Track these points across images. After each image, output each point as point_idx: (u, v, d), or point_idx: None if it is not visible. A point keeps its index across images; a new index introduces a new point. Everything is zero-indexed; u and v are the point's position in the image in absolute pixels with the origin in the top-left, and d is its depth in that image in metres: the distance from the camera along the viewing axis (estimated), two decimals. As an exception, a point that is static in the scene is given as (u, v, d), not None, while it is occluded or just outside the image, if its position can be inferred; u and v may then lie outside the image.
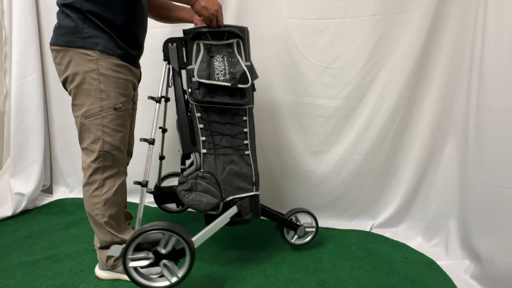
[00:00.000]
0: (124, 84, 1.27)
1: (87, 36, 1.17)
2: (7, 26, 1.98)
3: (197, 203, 1.35)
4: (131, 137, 1.51)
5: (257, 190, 1.46)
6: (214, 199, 1.35)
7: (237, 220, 1.42)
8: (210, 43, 1.30)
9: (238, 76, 1.30)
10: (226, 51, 1.31)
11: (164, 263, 1.21)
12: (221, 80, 1.28)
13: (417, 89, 1.72)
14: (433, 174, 1.78)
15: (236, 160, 1.41)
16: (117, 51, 1.22)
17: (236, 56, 1.32)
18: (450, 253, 1.62)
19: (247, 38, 1.35)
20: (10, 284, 1.37)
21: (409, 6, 1.62)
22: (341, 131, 1.86)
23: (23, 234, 1.78)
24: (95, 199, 1.29)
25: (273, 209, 1.63)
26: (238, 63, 1.31)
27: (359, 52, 1.72)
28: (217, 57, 1.30)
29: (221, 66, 1.30)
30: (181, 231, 1.21)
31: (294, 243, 1.66)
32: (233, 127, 1.38)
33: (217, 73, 1.29)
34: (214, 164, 1.38)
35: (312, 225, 1.68)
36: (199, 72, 1.28)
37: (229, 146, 1.39)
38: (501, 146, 1.34)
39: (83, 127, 1.25)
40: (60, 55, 1.20)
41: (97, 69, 1.19)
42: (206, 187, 1.35)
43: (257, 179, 1.45)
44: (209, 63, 1.29)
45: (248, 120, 1.41)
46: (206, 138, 1.37)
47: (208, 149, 1.37)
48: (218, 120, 1.36)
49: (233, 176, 1.41)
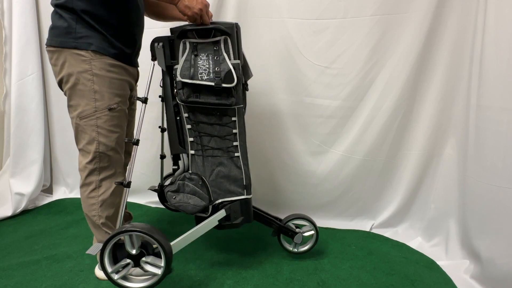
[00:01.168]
0: (119, 84, 1.26)
1: (80, 36, 1.17)
2: (7, 26, 1.98)
3: (184, 205, 1.32)
4: (130, 137, 1.50)
5: (248, 194, 1.40)
6: (202, 202, 1.33)
7: (226, 224, 1.38)
8: (196, 41, 1.26)
9: (222, 75, 1.24)
10: (212, 48, 1.26)
11: (144, 261, 1.19)
12: (204, 80, 1.24)
13: (417, 89, 1.72)
14: (433, 174, 1.78)
15: (225, 162, 1.37)
16: (111, 50, 1.22)
17: (223, 54, 1.26)
18: (450, 253, 1.62)
19: (236, 35, 1.28)
20: (10, 284, 1.37)
21: (409, 6, 1.62)
22: (341, 131, 1.86)
23: (23, 234, 1.78)
24: (92, 200, 1.29)
25: (269, 214, 1.57)
26: (224, 62, 1.25)
27: (359, 52, 1.72)
28: (201, 55, 1.25)
29: (205, 65, 1.25)
30: (160, 236, 1.17)
31: (291, 251, 1.60)
32: (222, 128, 1.34)
33: (201, 72, 1.24)
34: (202, 166, 1.35)
35: (311, 232, 1.59)
36: (182, 71, 1.25)
37: (218, 147, 1.35)
38: (501, 146, 1.34)
39: (78, 128, 1.25)
40: (55, 56, 1.20)
41: (90, 70, 1.19)
42: (193, 188, 1.32)
43: (248, 182, 1.40)
44: (193, 62, 1.25)
45: (237, 121, 1.34)
46: (194, 139, 1.34)
47: (196, 150, 1.35)
48: (206, 121, 1.33)
49: (222, 178, 1.37)
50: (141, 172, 2.01)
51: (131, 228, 1.15)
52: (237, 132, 1.36)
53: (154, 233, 1.15)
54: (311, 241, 1.60)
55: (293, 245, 1.60)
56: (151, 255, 1.20)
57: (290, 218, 1.59)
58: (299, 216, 1.61)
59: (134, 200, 2.17)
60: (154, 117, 2.01)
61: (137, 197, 2.18)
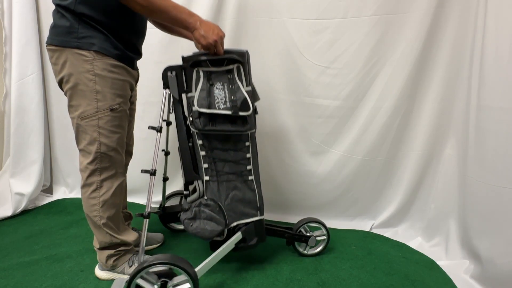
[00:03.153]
0: (120, 84, 1.26)
1: (83, 36, 1.16)
2: (7, 26, 1.98)
3: (201, 231, 1.34)
4: (130, 137, 1.50)
5: (261, 215, 1.44)
6: (218, 226, 1.35)
7: (242, 246, 1.42)
8: (210, 70, 1.27)
9: (239, 103, 1.26)
10: (226, 77, 1.28)
11: (171, 286, 1.20)
12: (221, 109, 1.26)
13: (417, 89, 1.72)
14: (433, 174, 1.78)
15: (240, 186, 1.39)
16: (113, 51, 1.21)
17: (237, 82, 1.28)
18: (450, 253, 1.62)
19: (247, 62, 1.31)
20: (10, 284, 1.37)
21: (409, 6, 1.62)
22: (341, 131, 1.86)
23: (23, 234, 1.78)
24: (93, 200, 1.29)
25: (280, 226, 1.60)
26: (239, 90, 1.28)
27: (359, 52, 1.72)
28: (217, 84, 1.27)
29: (222, 94, 1.27)
30: (184, 264, 1.18)
31: (308, 254, 1.62)
32: (236, 153, 1.36)
33: (218, 102, 1.26)
34: (217, 191, 1.37)
35: (323, 233, 1.63)
36: (199, 101, 1.26)
37: (232, 172, 1.37)
38: (501, 146, 1.34)
39: (79, 128, 1.25)
40: (56, 55, 1.19)
41: (92, 70, 1.18)
42: (210, 214, 1.35)
43: (261, 203, 1.43)
44: (209, 91, 1.26)
45: (251, 145, 1.38)
46: (208, 165, 1.35)
47: (210, 176, 1.36)
48: (220, 147, 1.34)
49: (236, 202, 1.40)
50: (141, 172, 2.01)
51: (185, 267, 1.17)
52: (251, 157, 1.39)
53: (179, 262, 1.17)
54: (323, 243, 1.64)
55: (307, 248, 1.63)
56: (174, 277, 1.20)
57: (301, 223, 1.61)
58: (309, 220, 1.63)
59: (134, 200, 2.17)
60: (154, 117, 2.01)
61: (137, 197, 2.18)
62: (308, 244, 1.59)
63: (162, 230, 1.82)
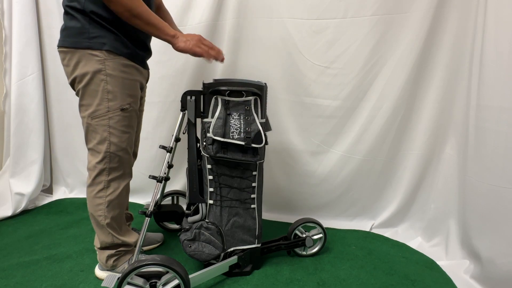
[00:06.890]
0: (131, 84, 1.26)
1: (94, 36, 1.16)
2: (7, 26, 1.98)
3: (198, 253, 1.37)
4: (136, 138, 1.50)
5: (259, 243, 1.47)
6: (216, 250, 1.38)
7: (236, 272, 1.45)
8: (228, 99, 1.29)
9: (252, 135, 1.29)
10: (243, 108, 1.30)
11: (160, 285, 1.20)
12: (235, 139, 1.28)
13: (417, 89, 1.72)
14: (433, 174, 1.78)
15: (242, 212, 1.41)
16: (124, 50, 1.21)
17: (253, 114, 1.30)
18: (450, 253, 1.62)
19: (265, 95, 1.33)
20: (10, 284, 1.37)
21: (409, 6, 1.63)
22: (341, 131, 1.86)
23: (23, 234, 1.78)
24: (99, 200, 1.29)
25: (273, 240, 1.59)
26: (254, 122, 1.30)
27: (359, 52, 1.72)
28: (233, 114, 1.29)
29: (237, 124, 1.29)
30: (179, 268, 1.18)
31: (307, 255, 1.63)
32: (242, 181, 1.38)
33: (232, 131, 1.28)
34: (219, 215, 1.39)
35: (319, 231, 1.63)
36: (214, 129, 1.28)
37: (236, 199, 1.39)
38: (501, 146, 1.34)
39: (89, 128, 1.25)
40: (68, 57, 1.19)
41: (104, 70, 1.18)
42: (209, 237, 1.37)
43: (260, 232, 1.46)
44: (226, 121, 1.28)
45: (257, 175, 1.40)
46: (214, 190, 1.37)
47: (215, 200, 1.38)
48: (228, 173, 1.37)
49: (237, 228, 1.42)
50: (141, 172, 2.01)
51: (180, 272, 1.17)
52: (256, 185, 1.41)
53: (174, 265, 1.17)
54: (320, 241, 1.64)
55: (305, 249, 1.63)
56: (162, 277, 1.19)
57: (294, 226, 1.60)
58: (302, 222, 1.62)
59: (134, 200, 2.17)
60: (154, 117, 2.02)
61: (137, 197, 2.17)
62: (305, 245, 1.60)
63: (162, 230, 1.82)
